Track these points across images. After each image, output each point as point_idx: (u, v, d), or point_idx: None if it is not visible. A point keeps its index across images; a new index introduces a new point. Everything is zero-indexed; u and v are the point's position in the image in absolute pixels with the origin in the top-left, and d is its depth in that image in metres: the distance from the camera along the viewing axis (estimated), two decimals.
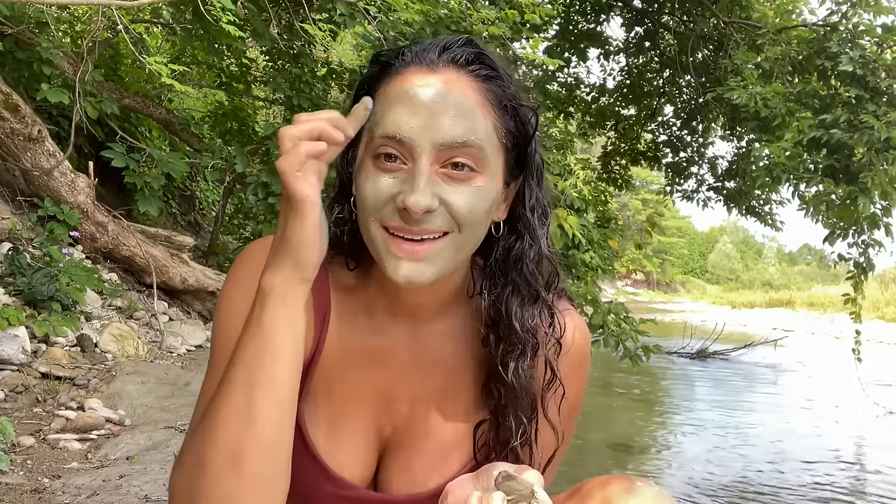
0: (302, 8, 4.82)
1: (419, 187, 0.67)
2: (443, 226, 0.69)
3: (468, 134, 0.68)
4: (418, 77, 0.69)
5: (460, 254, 0.73)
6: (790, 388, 8.59)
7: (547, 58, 6.24)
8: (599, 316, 4.54)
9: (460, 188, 0.69)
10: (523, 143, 0.76)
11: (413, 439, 0.83)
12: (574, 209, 4.65)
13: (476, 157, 0.69)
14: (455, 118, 0.68)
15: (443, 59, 0.71)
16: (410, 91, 0.68)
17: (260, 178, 4.76)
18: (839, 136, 5.36)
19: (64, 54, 4.60)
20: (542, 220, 0.79)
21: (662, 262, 52.52)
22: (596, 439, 5.30)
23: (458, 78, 0.70)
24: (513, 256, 0.78)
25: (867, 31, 5.87)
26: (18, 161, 4.26)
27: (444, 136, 0.67)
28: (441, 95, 0.68)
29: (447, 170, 0.69)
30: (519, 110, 0.74)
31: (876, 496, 4.24)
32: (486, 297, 0.80)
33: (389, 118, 0.68)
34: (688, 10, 8.29)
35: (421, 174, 0.67)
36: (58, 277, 3.71)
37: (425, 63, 0.70)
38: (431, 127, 0.67)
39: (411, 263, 0.69)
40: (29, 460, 2.47)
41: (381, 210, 0.70)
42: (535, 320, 0.80)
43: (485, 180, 0.70)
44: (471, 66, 0.71)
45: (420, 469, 0.82)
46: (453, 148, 0.68)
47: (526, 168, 0.77)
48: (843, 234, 5.79)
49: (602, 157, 10.16)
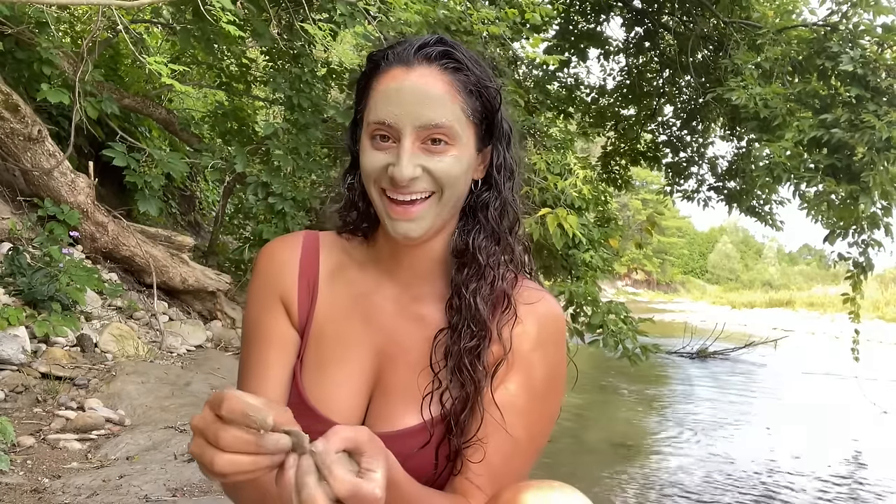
0: (302, 8, 4.82)
1: (402, 162, 0.84)
2: (427, 188, 0.86)
3: (439, 117, 0.85)
4: (399, 74, 0.87)
5: (444, 209, 0.89)
6: (790, 388, 8.59)
7: (547, 56, 6.23)
8: (599, 315, 4.53)
9: (438, 157, 0.86)
10: (490, 117, 0.92)
11: (396, 384, 0.93)
12: (574, 208, 4.65)
13: (448, 134, 0.86)
14: (428, 105, 0.85)
15: (417, 56, 0.87)
16: (393, 86, 0.86)
17: (260, 178, 4.76)
18: (840, 135, 5.36)
19: (64, 54, 4.60)
20: (507, 176, 0.95)
21: (662, 262, 52.52)
22: (596, 439, 5.30)
23: (430, 72, 0.87)
24: (480, 203, 0.94)
25: (867, 30, 5.86)
26: (18, 161, 4.26)
27: (420, 120, 0.85)
28: (417, 88, 0.85)
29: (427, 144, 0.86)
30: (483, 92, 0.90)
31: (874, 496, 4.24)
32: (457, 234, 0.95)
33: (380, 108, 0.86)
34: (688, 10, 8.29)
35: (404, 151, 0.84)
36: (58, 277, 3.71)
37: (404, 62, 0.87)
38: (410, 114, 0.84)
39: (405, 223, 0.87)
40: (29, 460, 2.47)
41: (377, 177, 0.87)
42: (497, 256, 0.93)
43: (458, 150, 0.87)
44: (441, 60, 0.87)
45: (394, 411, 0.92)
46: (429, 129, 0.85)
47: (494, 136, 0.93)
48: (844, 233, 5.79)
49: (602, 157, 10.15)
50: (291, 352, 0.95)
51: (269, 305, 0.95)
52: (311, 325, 0.95)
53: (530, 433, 0.92)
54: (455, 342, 0.92)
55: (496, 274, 0.93)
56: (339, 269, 0.98)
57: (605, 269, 4.93)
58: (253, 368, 0.94)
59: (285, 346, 0.94)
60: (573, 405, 6.28)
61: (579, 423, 5.68)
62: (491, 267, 0.92)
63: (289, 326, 0.95)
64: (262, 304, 0.96)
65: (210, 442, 0.63)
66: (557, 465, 4.24)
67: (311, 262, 0.97)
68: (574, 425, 5.54)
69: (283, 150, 4.86)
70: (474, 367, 0.90)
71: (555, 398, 0.96)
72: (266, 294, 0.96)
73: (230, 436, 0.62)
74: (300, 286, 0.96)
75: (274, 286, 0.96)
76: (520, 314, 0.93)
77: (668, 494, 4.05)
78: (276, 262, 0.97)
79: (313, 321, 0.95)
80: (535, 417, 0.92)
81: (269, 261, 0.98)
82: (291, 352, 0.95)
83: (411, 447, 0.89)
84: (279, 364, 0.93)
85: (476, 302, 0.91)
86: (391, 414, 0.92)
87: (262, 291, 0.97)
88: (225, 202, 6.64)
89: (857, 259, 5.85)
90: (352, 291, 0.97)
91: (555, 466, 4.21)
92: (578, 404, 6.41)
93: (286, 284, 0.96)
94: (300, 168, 5.03)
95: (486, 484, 0.89)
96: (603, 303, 4.63)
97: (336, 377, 0.93)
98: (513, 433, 0.90)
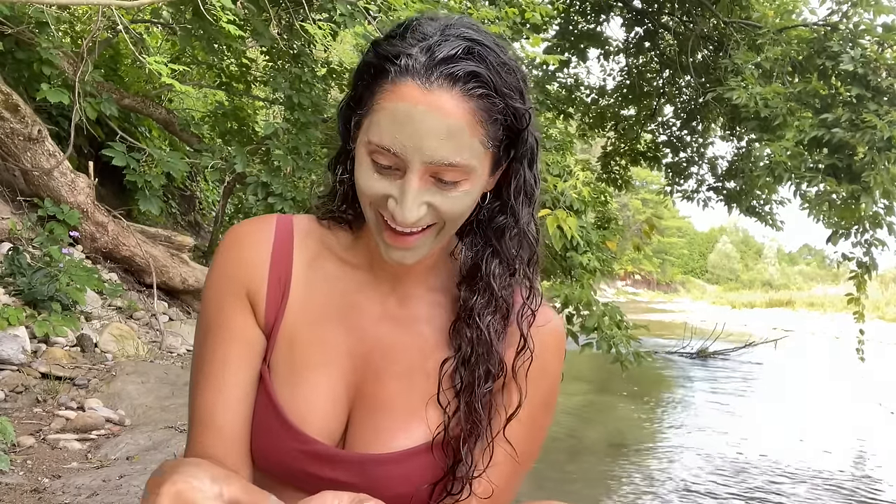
0: (302, 8, 4.82)
1: (407, 204, 0.73)
2: (430, 221, 0.76)
3: (454, 155, 0.72)
4: (412, 93, 0.72)
5: (444, 238, 0.79)
6: (790, 388, 8.59)
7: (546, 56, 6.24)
8: (594, 318, 4.53)
9: (447, 194, 0.75)
10: (513, 137, 0.80)
11: (383, 398, 0.84)
12: (573, 210, 4.65)
13: (462, 172, 0.74)
14: (443, 140, 0.71)
15: (437, 73, 0.72)
16: (402, 108, 0.72)
17: (260, 178, 4.76)
18: (841, 135, 5.36)
19: (64, 54, 4.60)
20: (527, 200, 0.84)
21: (662, 263, 52.50)
22: (595, 439, 5.30)
23: (451, 98, 0.72)
24: (495, 226, 0.84)
25: (868, 30, 5.87)
26: (18, 161, 4.26)
27: (431, 157, 0.72)
28: (432, 117, 0.71)
29: (436, 179, 0.74)
30: (510, 117, 0.77)
31: (875, 497, 4.24)
32: (465, 251, 0.85)
33: (385, 131, 0.73)
34: (688, 10, 8.29)
35: (410, 189, 0.73)
36: (58, 277, 3.70)
37: (420, 78, 0.72)
38: (421, 148, 0.71)
39: (401, 251, 0.77)
40: (29, 460, 2.47)
41: (376, 203, 0.76)
42: (511, 289, 0.84)
43: (471, 185, 0.76)
44: (466, 84, 0.72)
45: (386, 429, 0.83)
46: (440, 167, 0.73)
47: (515, 155, 0.81)
48: (846, 233, 5.79)
49: (602, 157, 10.16)
50: (257, 353, 0.83)
51: (233, 299, 0.83)
52: (280, 326, 0.84)
53: (529, 455, 0.90)
54: (468, 375, 0.83)
55: (510, 307, 0.84)
56: (315, 262, 0.87)
57: (603, 272, 4.93)
58: (210, 369, 0.82)
59: (249, 345, 0.83)
60: (573, 405, 6.28)
61: (579, 423, 5.68)
62: (506, 301, 0.84)
63: (255, 326, 0.84)
64: (225, 296, 0.84)
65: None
66: (557, 465, 4.24)
67: (285, 252, 0.85)
68: (574, 425, 5.54)
69: (282, 150, 4.86)
70: (487, 405, 0.83)
71: (551, 417, 0.93)
72: (230, 285, 0.84)
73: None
74: (270, 280, 0.84)
75: (240, 278, 0.84)
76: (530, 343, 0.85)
77: (667, 494, 4.05)
78: (244, 249, 0.85)
79: (283, 321, 0.84)
80: (533, 439, 0.89)
81: (236, 248, 0.85)
82: (257, 353, 0.83)
83: (407, 472, 0.81)
84: (242, 365, 0.82)
85: (489, 337, 0.83)
86: (380, 433, 0.83)
87: (225, 282, 0.84)
88: (225, 202, 6.64)
89: (860, 259, 5.85)
90: (330, 288, 0.86)
91: (555, 466, 4.21)
92: (578, 404, 6.41)
93: (254, 278, 0.84)
94: (300, 168, 5.03)
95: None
96: (598, 306, 4.63)
97: (313, 386, 0.83)
98: (516, 459, 0.86)
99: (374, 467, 0.81)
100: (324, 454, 0.81)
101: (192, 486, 0.57)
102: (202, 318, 0.86)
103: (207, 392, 0.81)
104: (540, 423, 0.90)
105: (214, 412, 0.80)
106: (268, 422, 0.81)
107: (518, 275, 0.84)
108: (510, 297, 0.84)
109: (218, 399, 0.80)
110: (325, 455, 0.81)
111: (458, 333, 0.84)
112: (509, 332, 0.85)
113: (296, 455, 0.81)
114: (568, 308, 4.61)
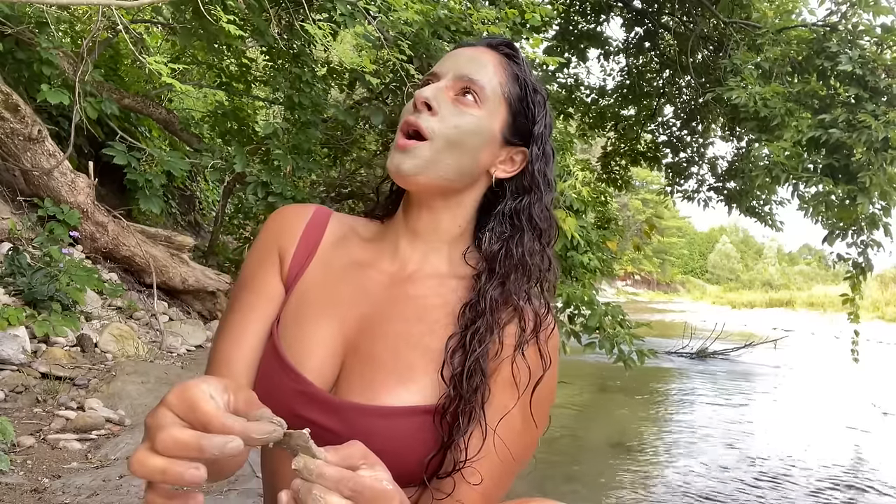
0: (302, 8, 4.82)
1: (430, 89, 0.90)
2: (431, 128, 0.88)
3: (476, 74, 0.92)
4: (461, 48, 0.97)
5: (441, 158, 0.89)
6: (790, 388, 8.59)
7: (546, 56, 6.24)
8: (596, 317, 4.53)
9: (459, 110, 0.90)
10: (524, 111, 0.95)
11: (379, 355, 0.88)
12: (573, 210, 4.65)
13: (479, 93, 0.91)
14: (472, 65, 0.93)
15: (481, 43, 0.97)
16: (452, 53, 0.97)
17: (260, 178, 4.76)
18: (838, 135, 5.36)
19: (64, 54, 4.60)
20: (546, 186, 0.96)
21: (662, 263, 52.50)
22: (595, 439, 5.30)
23: (487, 51, 0.95)
24: (521, 206, 0.94)
25: (866, 31, 5.88)
26: (18, 161, 4.26)
27: (461, 72, 0.92)
28: (470, 54, 0.94)
29: (458, 96, 0.91)
30: (526, 86, 0.95)
31: (875, 497, 4.25)
32: (489, 236, 0.94)
33: (435, 66, 0.96)
34: (688, 10, 8.30)
35: (437, 86, 0.91)
36: (58, 277, 3.71)
37: (469, 45, 0.98)
38: (455, 67, 0.93)
39: (400, 154, 0.88)
40: (29, 460, 2.47)
41: (404, 116, 0.90)
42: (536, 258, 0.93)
43: (480, 113, 0.91)
44: (501, 48, 0.96)
45: (379, 382, 0.86)
46: (464, 80, 0.91)
47: (533, 140, 0.96)
48: (843, 234, 5.80)
49: (602, 157, 10.17)
50: (275, 305, 0.93)
51: (266, 257, 0.96)
52: (298, 282, 0.94)
53: (522, 452, 0.90)
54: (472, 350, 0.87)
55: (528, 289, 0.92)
56: (342, 240, 0.98)
57: (603, 271, 4.94)
58: (234, 317, 0.93)
59: (271, 299, 0.93)
60: (573, 404, 6.28)
61: (579, 423, 5.68)
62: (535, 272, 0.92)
63: (278, 280, 0.94)
64: (260, 255, 0.96)
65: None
66: (557, 465, 4.25)
67: (317, 228, 0.98)
68: (574, 425, 5.54)
69: (282, 150, 4.86)
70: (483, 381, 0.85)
71: (546, 416, 0.94)
72: (265, 247, 0.96)
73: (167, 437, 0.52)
74: (300, 244, 0.96)
75: (274, 240, 0.96)
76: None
77: (667, 494, 4.05)
78: (282, 219, 0.98)
79: (302, 278, 0.94)
80: (528, 437, 0.90)
81: (276, 219, 0.99)
82: (275, 305, 0.93)
83: (391, 428, 0.83)
84: (261, 317, 0.92)
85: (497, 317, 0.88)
86: (369, 386, 0.86)
87: (262, 244, 0.97)
88: (225, 202, 6.64)
89: (856, 260, 5.86)
90: (349, 260, 0.96)
91: (555, 466, 4.21)
92: (578, 404, 6.42)
93: (287, 240, 0.96)
94: (300, 168, 5.03)
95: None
96: (600, 305, 4.63)
97: (312, 334, 0.90)
98: (510, 453, 0.87)
99: (358, 416, 0.83)
100: (315, 395, 0.85)
101: (201, 387, 0.58)
102: (241, 274, 0.99)
103: (227, 338, 0.92)
104: (537, 420, 0.91)
105: (230, 356, 0.90)
106: (270, 363, 0.89)
107: (548, 250, 0.94)
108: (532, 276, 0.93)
109: (234, 345, 0.90)
110: (315, 397, 0.85)
111: (465, 314, 0.90)
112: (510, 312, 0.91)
113: (291, 395, 0.86)
114: (569, 308, 4.62)
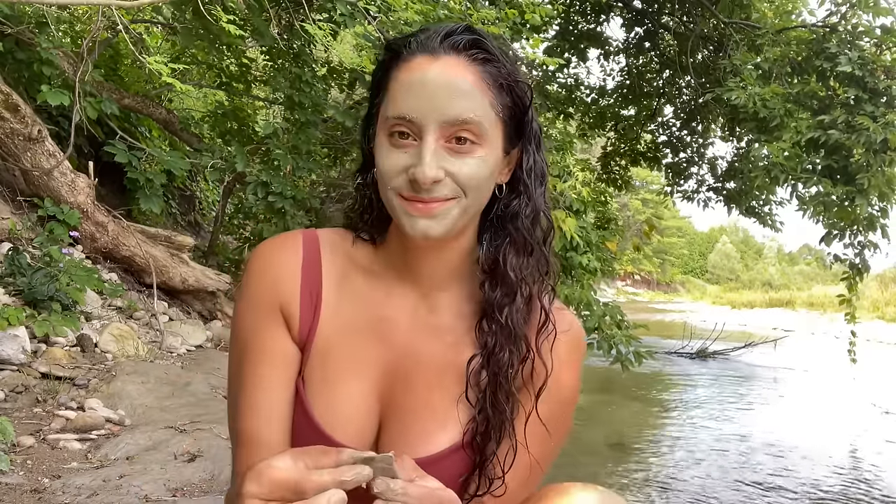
0: (302, 8, 4.82)
1: (426, 161, 0.76)
2: (449, 194, 0.78)
3: (467, 112, 0.77)
4: (423, 64, 0.78)
5: (466, 214, 0.81)
6: (790, 387, 8.60)
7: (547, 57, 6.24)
8: (594, 318, 4.53)
9: (463, 159, 0.78)
10: (520, 114, 0.84)
11: (413, 405, 0.86)
12: (573, 211, 4.65)
13: (476, 131, 0.78)
14: (455, 99, 0.77)
15: (444, 45, 0.79)
16: (417, 76, 0.78)
17: (260, 178, 4.76)
18: (837, 136, 5.37)
19: (64, 54, 4.60)
20: (538, 181, 0.87)
21: (662, 263, 52.49)
22: (595, 439, 5.30)
23: (458, 62, 0.79)
24: (510, 212, 0.86)
25: (866, 32, 5.88)
26: (18, 161, 4.26)
27: (446, 115, 0.76)
28: (443, 79, 0.77)
29: (452, 144, 0.78)
30: (514, 87, 0.82)
31: (874, 497, 4.25)
32: (486, 247, 0.88)
33: (400, 101, 0.78)
34: (688, 10, 8.30)
35: (428, 149, 0.76)
36: (58, 277, 3.71)
37: (429, 51, 0.79)
38: (436, 108, 0.76)
39: (425, 220, 0.78)
40: (29, 460, 2.47)
41: (396, 180, 0.79)
42: (530, 269, 0.86)
43: (485, 151, 0.79)
44: (469, 50, 0.79)
45: (417, 433, 0.85)
46: (455, 125, 0.77)
47: (524, 136, 0.86)
48: (841, 234, 5.80)
49: (602, 157, 10.16)
50: (293, 369, 0.86)
51: (267, 317, 0.85)
52: (314, 339, 0.86)
53: (548, 457, 0.92)
54: (493, 366, 0.84)
55: (532, 290, 0.87)
56: (344, 279, 0.89)
57: (603, 272, 4.94)
58: (252, 391, 0.84)
59: (287, 362, 0.85)
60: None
61: (579, 423, 5.68)
62: (527, 283, 0.86)
63: (289, 341, 0.86)
64: (260, 314, 0.86)
65: None
66: (557, 465, 4.25)
67: (314, 267, 0.88)
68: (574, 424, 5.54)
69: (282, 150, 4.86)
70: (510, 393, 0.85)
71: (571, 421, 0.95)
72: (263, 304, 0.86)
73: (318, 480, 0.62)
74: (302, 295, 0.86)
75: (272, 295, 0.86)
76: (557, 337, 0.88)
77: (667, 494, 4.06)
78: (274, 267, 0.87)
79: (317, 335, 0.86)
80: (554, 442, 0.91)
81: (266, 265, 0.87)
82: (293, 369, 0.86)
83: (437, 475, 0.80)
84: (281, 384, 0.85)
85: (511, 324, 0.85)
86: (411, 437, 0.84)
87: (259, 300, 0.86)
88: (225, 202, 6.64)
89: (852, 261, 5.86)
90: (359, 303, 0.88)
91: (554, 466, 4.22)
92: (579, 404, 6.42)
93: (287, 294, 0.86)
94: (300, 168, 5.03)
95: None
96: (599, 306, 4.64)
97: (345, 396, 0.85)
98: (536, 458, 0.88)
99: None
100: None
101: (274, 465, 0.61)
102: (237, 338, 0.88)
103: (251, 415, 0.84)
104: (563, 424, 0.92)
105: (260, 433, 0.83)
106: (303, 432, 0.84)
107: (536, 254, 0.87)
108: (533, 283, 0.87)
109: (262, 420, 0.83)
110: None
111: (482, 331, 0.87)
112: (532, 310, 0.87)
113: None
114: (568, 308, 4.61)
